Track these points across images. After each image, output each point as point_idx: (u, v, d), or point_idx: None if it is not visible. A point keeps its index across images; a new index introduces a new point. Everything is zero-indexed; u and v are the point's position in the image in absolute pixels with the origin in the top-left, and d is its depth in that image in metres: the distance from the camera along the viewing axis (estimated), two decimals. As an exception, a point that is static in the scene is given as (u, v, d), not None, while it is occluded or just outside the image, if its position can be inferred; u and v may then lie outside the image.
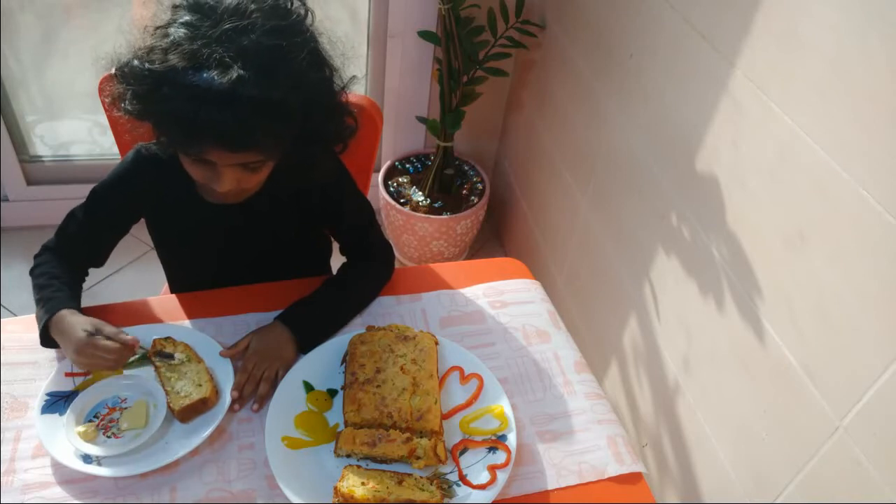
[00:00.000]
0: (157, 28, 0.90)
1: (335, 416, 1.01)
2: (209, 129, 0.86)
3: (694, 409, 1.40)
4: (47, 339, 1.02)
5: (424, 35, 2.04)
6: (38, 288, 1.07)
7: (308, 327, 1.09)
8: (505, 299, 1.22)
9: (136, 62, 0.90)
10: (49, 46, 2.17)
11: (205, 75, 0.84)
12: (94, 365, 0.98)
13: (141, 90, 0.90)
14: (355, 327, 1.12)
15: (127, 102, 0.94)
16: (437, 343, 1.09)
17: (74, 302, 1.05)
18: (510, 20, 1.99)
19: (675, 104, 1.40)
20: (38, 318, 1.03)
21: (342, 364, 1.07)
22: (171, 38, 0.88)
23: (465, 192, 2.29)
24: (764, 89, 1.14)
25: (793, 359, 1.11)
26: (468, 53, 2.00)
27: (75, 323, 0.99)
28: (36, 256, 1.13)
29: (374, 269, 1.22)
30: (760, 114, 1.15)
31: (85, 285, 1.14)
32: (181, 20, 0.89)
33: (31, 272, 1.10)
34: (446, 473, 0.95)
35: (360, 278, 1.19)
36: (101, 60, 0.94)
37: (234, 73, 0.84)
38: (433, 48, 2.15)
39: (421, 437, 0.96)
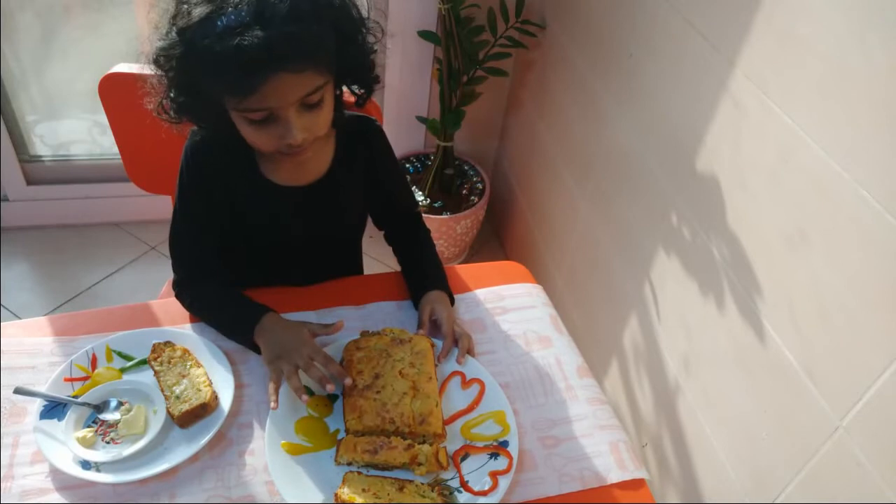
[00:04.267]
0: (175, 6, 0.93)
1: (335, 422, 1.00)
2: (255, 53, 0.86)
3: (694, 409, 1.40)
4: (251, 342, 1.07)
5: (424, 35, 2.03)
6: (214, 311, 1.11)
7: (447, 285, 1.20)
8: (506, 305, 1.21)
9: (164, 41, 0.92)
10: (49, 46, 2.17)
11: (231, 10, 0.87)
12: (307, 366, 1.00)
13: (179, 58, 0.91)
14: (349, 333, 1.11)
15: (172, 92, 0.97)
16: (432, 345, 1.08)
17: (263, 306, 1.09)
18: (510, 20, 1.99)
19: (675, 104, 1.40)
20: (238, 329, 1.07)
21: (338, 371, 1.06)
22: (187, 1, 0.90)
23: (465, 192, 2.29)
24: (764, 89, 1.14)
25: (793, 359, 1.11)
26: (468, 53, 2.00)
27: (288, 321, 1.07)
28: (178, 295, 1.14)
29: (428, 235, 1.32)
30: (760, 114, 1.15)
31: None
32: None
33: (191, 307, 1.13)
34: (447, 480, 0.94)
35: (432, 244, 1.30)
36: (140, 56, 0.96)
37: None
38: (433, 48, 2.14)
39: (423, 443, 0.96)
